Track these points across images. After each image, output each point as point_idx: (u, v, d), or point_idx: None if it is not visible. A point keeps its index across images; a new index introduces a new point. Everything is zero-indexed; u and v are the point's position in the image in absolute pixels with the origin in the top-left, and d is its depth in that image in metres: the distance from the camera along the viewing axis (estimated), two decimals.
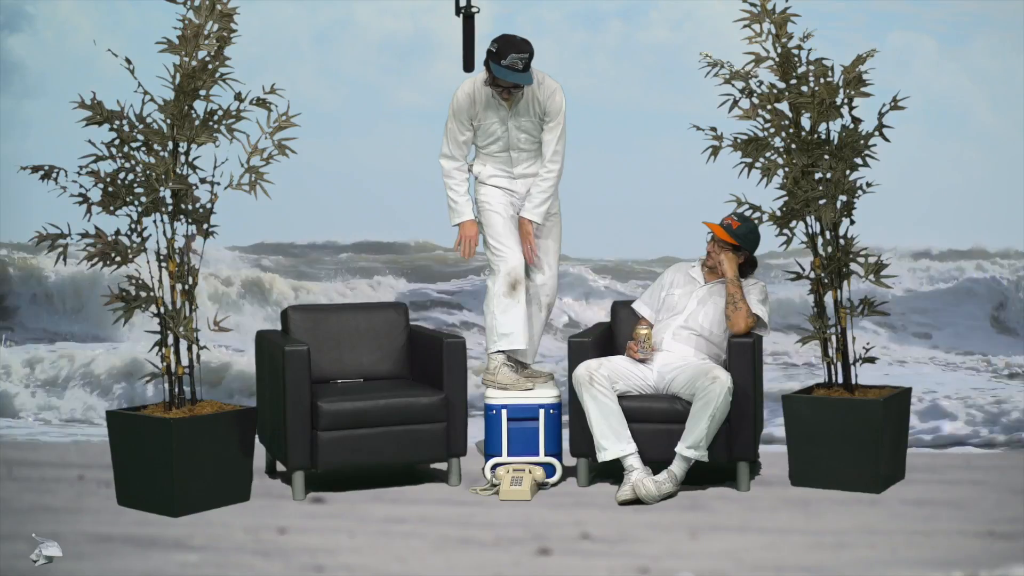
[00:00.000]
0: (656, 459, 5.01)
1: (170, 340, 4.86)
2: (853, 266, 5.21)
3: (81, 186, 4.77)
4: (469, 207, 5.35)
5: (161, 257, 4.85)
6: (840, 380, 5.27)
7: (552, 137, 5.28)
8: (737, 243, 5.17)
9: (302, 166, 5.03)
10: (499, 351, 5.29)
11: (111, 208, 4.77)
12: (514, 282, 5.22)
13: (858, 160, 5.16)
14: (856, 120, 5.16)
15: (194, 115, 4.83)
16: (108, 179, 4.75)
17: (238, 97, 4.88)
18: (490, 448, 5.25)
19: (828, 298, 5.27)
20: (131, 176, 4.77)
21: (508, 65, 5.04)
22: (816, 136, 5.18)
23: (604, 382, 5.01)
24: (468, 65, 5.61)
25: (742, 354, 5.02)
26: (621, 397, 5.05)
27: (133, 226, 4.81)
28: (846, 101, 5.14)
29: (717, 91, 5.25)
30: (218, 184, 4.89)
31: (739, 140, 5.28)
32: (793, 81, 5.16)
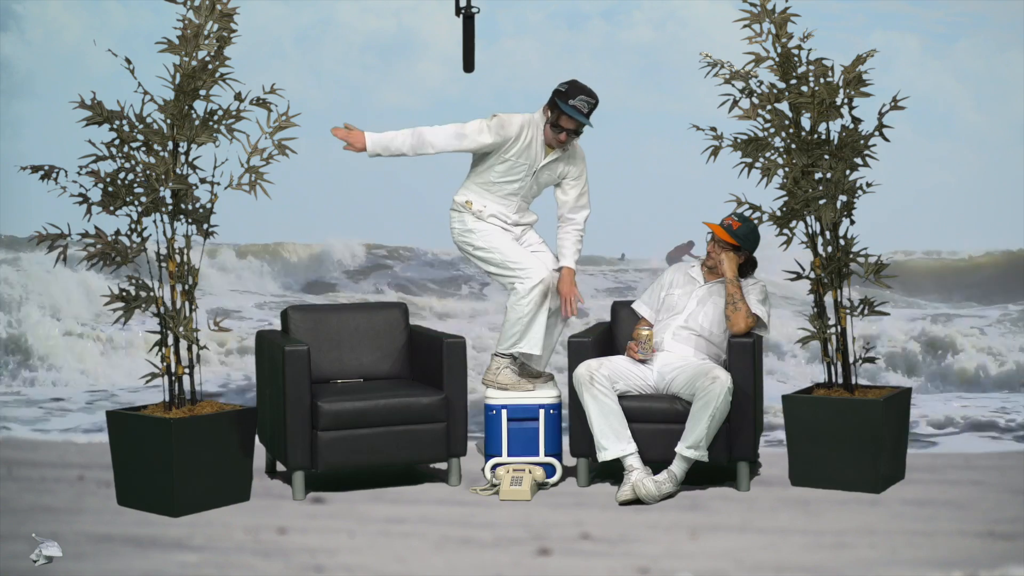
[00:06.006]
0: (656, 459, 5.01)
1: (170, 340, 4.86)
2: (853, 266, 5.21)
3: (81, 186, 4.77)
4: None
5: (161, 257, 4.85)
6: (840, 380, 5.27)
7: (577, 192, 5.34)
8: (737, 243, 5.18)
9: (294, 166, 5.02)
10: (511, 354, 5.27)
11: (111, 208, 4.77)
12: (547, 291, 5.21)
13: (858, 160, 5.16)
14: (856, 120, 5.16)
15: (194, 115, 4.84)
16: (108, 179, 4.74)
17: (238, 97, 4.88)
18: (490, 448, 5.25)
19: (828, 298, 5.27)
20: (131, 176, 4.77)
21: (575, 106, 5.10)
22: (816, 136, 5.18)
23: (604, 382, 5.01)
24: (468, 66, 5.60)
25: (742, 354, 5.02)
26: (621, 397, 5.05)
27: (133, 226, 4.81)
28: (846, 101, 5.14)
29: (716, 91, 5.26)
30: (218, 184, 4.89)
31: (739, 140, 5.29)
32: (793, 81, 5.16)
